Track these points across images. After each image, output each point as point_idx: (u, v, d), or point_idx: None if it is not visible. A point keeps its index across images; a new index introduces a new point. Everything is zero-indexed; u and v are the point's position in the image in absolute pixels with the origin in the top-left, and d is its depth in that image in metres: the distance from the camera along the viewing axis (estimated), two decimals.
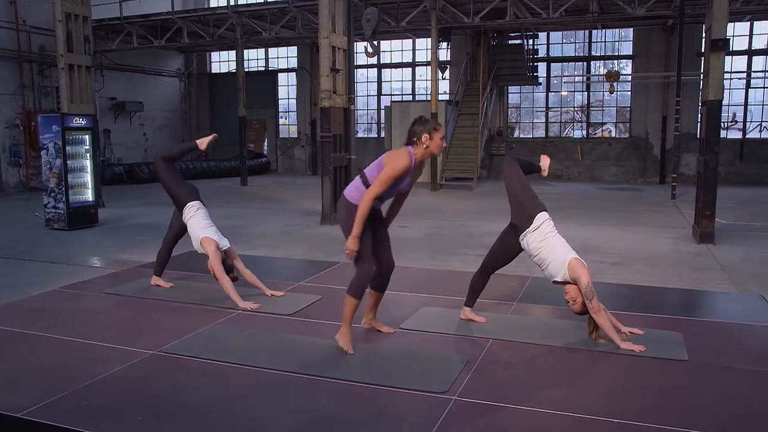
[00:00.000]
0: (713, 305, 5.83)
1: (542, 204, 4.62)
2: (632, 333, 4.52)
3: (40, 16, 16.55)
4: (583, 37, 19.43)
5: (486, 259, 4.85)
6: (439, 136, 4.27)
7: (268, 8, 17.53)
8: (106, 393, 3.69)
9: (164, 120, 22.78)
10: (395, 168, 4.10)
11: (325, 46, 10.42)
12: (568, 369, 4.03)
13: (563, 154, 19.38)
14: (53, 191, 10.44)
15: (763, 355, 4.28)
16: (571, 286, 4.39)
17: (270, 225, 10.77)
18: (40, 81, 17.79)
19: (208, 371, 4.01)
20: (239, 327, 4.87)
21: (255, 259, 7.51)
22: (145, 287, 6.05)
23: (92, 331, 4.76)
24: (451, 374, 3.84)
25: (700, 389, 3.70)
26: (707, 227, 8.95)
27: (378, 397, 3.60)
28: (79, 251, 8.63)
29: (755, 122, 17.90)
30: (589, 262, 7.59)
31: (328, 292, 5.92)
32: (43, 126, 10.41)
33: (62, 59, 12.34)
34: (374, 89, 21.80)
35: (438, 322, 4.91)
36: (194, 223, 5.60)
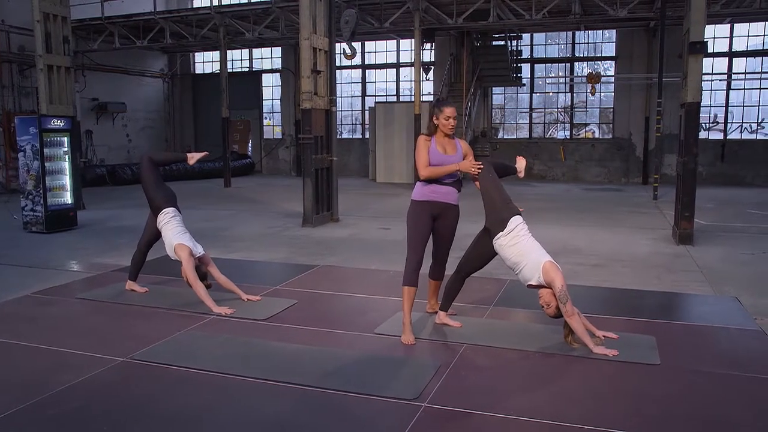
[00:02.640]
0: (688, 308, 5.86)
1: (516, 208, 4.62)
2: (606, 337, 4.52)
3: (19, 16, 16.33)
4: (567, 39, 19.52)
5: (461, 263, 4.84)
6: (444, 115, 4.63)
7: (251, 9, 17.43)
8: (72, 402, 3.62)
9: (147, 121, 22.59)
10: (417, 152, 4.70)
11: (306, 48, 10.37)
12: (540, 374, 4.02)
13: (547, 155, 19.45)
14: (31, 194, 10.30)
15: (735, 358, 4.29)
16: (546, 290, 4.38)
17: (251, 227, 10.71)
18: (21, 81, 17.58)
19: (178, 379, 3.96)
20: (212, 333, 4.82)
21: (234, 263, 7.48)
22: (119, 292, 5.98)
23: (62, 337, 4.70)
24: (422, 380, 3.81)
25: (670, 394, 3.70)
26: (686, 229, 8.99)
27: (347, 404, 3.56)
28: (56, 255, 8.52)
29: (736, 123, 18.07)
30: (570, 263, 7.71)
31: (304, 296, 5.89)
32: (21, 128, 10.27)
33: (41, 60, 12.19)
34: (358, 90, 21.75)
35: (414, 326, 4.86)
36: (168, 229, 5.56)
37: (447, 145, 4.72)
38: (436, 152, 4.68)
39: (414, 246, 4.71)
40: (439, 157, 4.67)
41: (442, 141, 4.71)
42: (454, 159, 4.69)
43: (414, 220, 4.73)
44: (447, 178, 4.70)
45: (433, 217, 4.72)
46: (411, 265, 4.69)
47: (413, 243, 4.71)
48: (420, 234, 4.69)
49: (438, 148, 4.69)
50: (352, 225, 10.90)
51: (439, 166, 4.64)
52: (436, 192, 4.69)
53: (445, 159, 4.67)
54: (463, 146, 4.82)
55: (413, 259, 4.69)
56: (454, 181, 4.77)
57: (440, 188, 4.70)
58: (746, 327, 4.92)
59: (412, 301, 4.69)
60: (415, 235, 4.71)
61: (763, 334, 4.74)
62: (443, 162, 4.65)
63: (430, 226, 4.74)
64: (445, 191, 4.71)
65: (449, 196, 4.74)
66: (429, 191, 4.68)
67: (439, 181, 4.68)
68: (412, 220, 4.75)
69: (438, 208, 4.71)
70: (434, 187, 4.68)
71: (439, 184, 4.69)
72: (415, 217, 4.72)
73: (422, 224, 4.69)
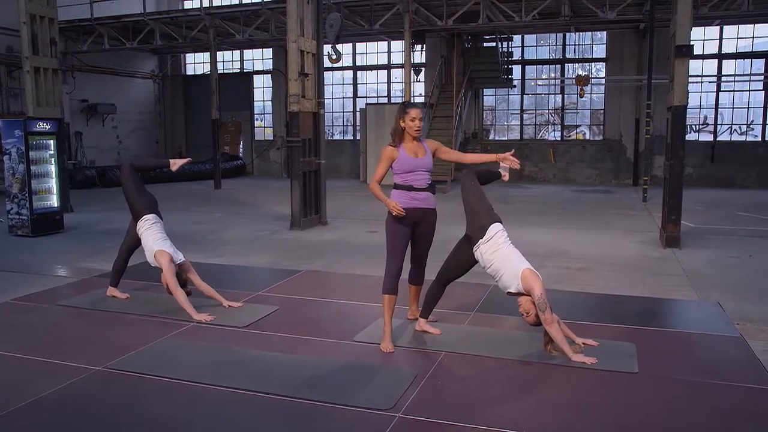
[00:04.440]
0: (671, 314, 5.85)
1: (496, 215, 4.60)
2: (586, 344, 4.51)
3: (6, 17, 16.22)
4: (557, 40, 19.53)
5: (441, 270, 4.82)
6: (410, 117, 4.58)
7: (241, 10, 17.39)
8: (43, 413, 3.59)
9: (138, 122, 22.51)
10: (381, 157, 4.67)
11: (294, 51, 10.33)
12: (518, 383, 4.00)
13: (538, 157, 19.46)
14: (16, 197, 10.23)
15: (713, 366, 4.28)
16: (525, 297, 4.36)
17: (239, 230, 10.66)
18: (9, 83, 17.51)
19: (152, 389, 3.92)
20: (191, 340, 4.79)
21: (218, 268, 7.44)
22: (100, 299, 5.93)
23: (39, 345, 4.66)
24: (398, 390, 3.79)
25: (646, 404, 3.68)
26: (673, 232, 9.00)
27: (321, 415, 3.53)
28: (40, 259, 8.46)
29: (726, 125, 18.11)
30: (556, 267, 7.70)
31: (286, 302, 5.86)
32: (6, 131, 10.19)
33: (27, 62, 12.11)
34: (350, 91, 21.71)
35: (393, 334, 4.83)
36: (148, 236, 5.53)
37: (417, 148, 4.65)
38: (408, 158, 4.61)
39: (394, 254, 4.67)
40: (412, 163, 4.60)
41: (410, 146, 4.64)
42: (424, 163, 4.63)
43: (394, 228, 4.67)
44: (422, 183, 4.64)
45: (413, 224, 4.68)
46: (391, 273, 4.66)
47: (393, 251, 4.68)
48: (400, 242, 4.66)
49: (408, 153, 4.62)
50: (340, 228, 10.87)
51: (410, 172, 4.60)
52: (415, 199, 4.63)
53: (418, 164, 4.61)
54: (430, 145, 4.76)
55: (393, 267, 4.66)
56: (431, 185, 4.72)
57: (419, 195, 4.65)
58: (726, 333, 4.91)
59: (392, 310, 4.68)
60: (395, 243, 4.66)
61: (742, 341, 4.73)
62: (416, 167, 4.60)
63: (409, 234, 4.70)
64: (424, 197, 4.66)
65: (428, 201, 4.69)
66: (409, 198, 4.62)
67: (416, 188, 4.63)
68: (391, 227, 4.68)
69: (418, 215, 4.66)
70: (413, 194, 4.63)
71: (416, 191, 4.63)
72: (395, 225, 4.66)
73: (402, 232, 4.65)
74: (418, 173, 4.63)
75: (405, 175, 4.62)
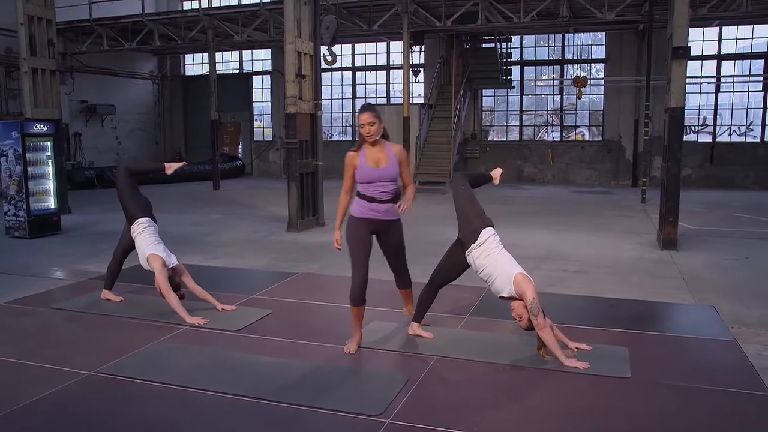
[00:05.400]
0: (665, 317, 5.83)
1: (488, 219, 4.59)
2: (579, 349, 4.51)
3: (5, 18, 16.15)
4: (556, 41, 19.51)
5: (434, 274, 4.81)
6: (359, 122, 4.42)
7: (239, 11, 17.39)
8: (35, 418, 3.58)
9: (137, 123, 22.50)
10: (345, 164, 4.51)
11: (291, 52, 10.32)
12: (509, 389, 3.99)
13: (537, 158, 19.44)
14: (13, 198, 10.24)
15: (706, 371, 4.27)
16: (518, 302, 4.35)
17: (236, 232, 10.65)
18: (7, 84, 17.50)
19: (143, 394, 3.92)
20: (183, 344, 4.79)
21: (213, 270, 7.45)
22: (95, 301, 5.94)
23: (31, 349, 4.65)
24: (388, 395, 3.78)
25: (637, 409, 3.67)
26: (670, 234, 8.98)
27: (309, 420, 3.53)
28: (37, 261, 8.46)
29: (725, 126, 18.09)
30: (553, 270, 7.69)
31: (280, 305, 5.85)
32: (3, 132, 10.18)
33: (25, 63, 12.13)
34: (349, 92, 21.70)
35: (385, 337, 4.86)
36: (142, 239, 5.53)
37: (379, 155, 4.43)
38: (367, 168, 4.42)
39: (356, 262, 4.52)
40: (372, 173, 4.42)
41: (371, 153, 4.44)
42: (386, 173, 4.42)
43: (354, 236, 4.52)
44: (384, 195, 4.46)
45: (374, 233, 4.54)
46: (356, 283, 4.49)
47: (355, 260, 4.52)
48: (360, 249, 4.50)
49: (368, 162, 4.42)
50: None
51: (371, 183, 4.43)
52: (375, 211, 4.47)
53: (380, 174, 4.41)
54: (396, 154, 4.51)
55: (358, 276, 4.49)
56: (394, 196, 4.51)
57: (379, 206, 4.47)
58: (720, 338, 4.90)
59: (360, 319, 4.59)
60: (355, 251, 4.51)
61: (736, 345, 4.72)
62: (378, 178, 4.41)
63: (370, 241, 4.55)
64: (385, 209, 4.48)
65: (390, 213, 4.50)
66: (369, 209, 4.47)
67: (376, 199, 4.45)
68: (352, 235, 4.52)
69: (377, 226, 4.52)
70: (374, 205, 4.46)
71: (377, 202, 4.46)
72: (355, 233, 4.51)
73: (362, 240, 4.50)
74: (380, 184, 4.43)
75: (366, 186, 4.45)
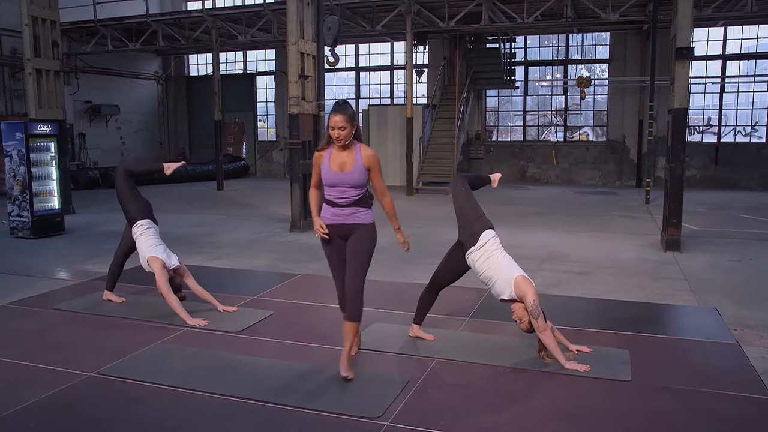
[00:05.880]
0: (667, 320, 5.80)
1: (488, 222, 4.58)
2: (580, 351, 4.49)
3: (10, 18, 16.21)
4: (560, 41, 19.47)
5: (434, 277, 4.80)
6: (330, 125, 4.05)
7: (243, 11, 17.41)
8: (33, 420, 3.58)
9: (141, 123, 22.54)
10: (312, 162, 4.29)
11: (293, 53, 10.32)
12: (509, 391, 3.98)
13: (541, 158, 19.40)
14: (17, 199, 10.27)
15: (706, 374, 4.24)
16: (518, 304, 4.34)
17: (239, 233, 10.66)
18: (12, 84, 17.54)
19: (142, 396, 3.91)
20: (184, 346, 4.79)
21: (215, 271, 7.45)
22: (96, 302, 5.95)
23: (31, 351, 4.66)
24: (387, 397, 3.77)
25: (636, 413, 3.65)
26: (674, 235, 8.94)
27: (308, 422, 3.52)
28: (39, 262, 8.48)
29: (730, 126, 18.01)
30: (555, 271, 7.67)
31: (281, 306, 5.85)
32: (6, 133, 10.22)
33: (29, 64, 12.16)
34: (352, 92, 21.70)
35: (386, 340, 4.85)
36: (142, 241, 5.55)
37: (345, 159, 4.08)
38: (329, 171, 4.10)
39: (332, 272, 4.37)
40: (333, 177, 4.09)
41: (338, 155, 4.10)
42: (349, 178, 4.08)
43: (324, 249, 4.32)
44: (344, 200, 4.13)
45: (344, 238, 4.23)
46: (338, 292, 4.37)
47: (330, 269, 4.37)
48: (333, 263, 4.31)
49: (332, 165, 4.10)
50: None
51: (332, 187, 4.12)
52: (337, 215, 4.16)
53: (340, 179, 4.08)
54: (364, 159, 4.10)
55: (338, 285, 4.36)
56: (358, 200, 4.15)
57: (342, 210, 4.16)
58: (722, 340, 4.88)
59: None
60: (329, 261, 4.35)
61: (738, 348, 4.70)
62: (338, 183, 4.09)
63: (338, 250, 4.25)
64: (348, 212, 4.15)
65: (355, 216, 4.16)
66: (332, 214, 4.18)
67: (336, 204, 4.15)
68: (323, 244, 4.30)
69: (343, 231, 4.19)
70: (336, 209, 4.16)
71: (338, 207, 4.15)
72: (324, 245, 4.30)
73: (330, 252, 4.29)
74: (340, 188, 4.11)
75: (328, 189, 4.16)
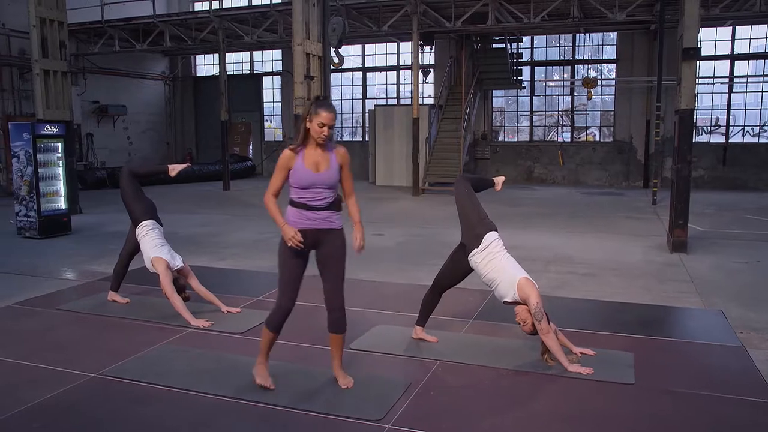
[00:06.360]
0: (672, 322, 5.77)
1: (491, 224, 4.56)
2: (583, 354, 4.47)
3: (18, 20, 16.34)
4: (567, 41, 19.41)
5: (436, 278, 4.79)
6: (319, 120, 3.69)
7: (249, 12, 17.47)
8: (35, 421, 3.60)
9: (148, 123, 22.63)
10: (275, 170, 3.85)
11: (299, 53, 10.33)
12: (512, 394, 3.96)
13: (547, 158, 19.35)
14: (24, 199, 10.33)
15: (711, 377, 4.21)
16: (521, 306, 4.33)
17: (244, 233, 10.67)
18: (21, 85, 17.64)
19: (146, 396, 3.92)
20: (188, 347, 4.80)
21: (219, 272, 7.46)
22: (101, 303, 5.97)
23: (35, 351, 4.68)
24: (389, 400, 3.77)
25: (639, 416, 3.63)
26: (680, 237, 8.90)
27: (308, 425, 3.52)
28: (46, 262, 8.52)
29: (738, 126, 17.91)
30: (560, 273, 7.64)
31: None
32: (14, 134, 10.28)
33: (37, 65, 12.23)
34: (359, 93, 21.71)
35: (389, 342, 4.84)
36: (146, 242, 5.56)
37: (320, 158, 3.79)
38: (305, 171, 3.76)
39: (285, 286, 3.92)
40: (309, 178, 3.77)
41: (312, 154, 3.77)
42: (325, 178, 3.80)
43: (288, 254, 3.86)
44: (319, 202, 3.83)
45: (313, 246, 3.90)
46: (282, 308, 3.93)
47: (281, 282, 3.94)
48: (290, 270, 3.88)
49: (307, 165, 3.76)
50: (345, 231, 10.82)
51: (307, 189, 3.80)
52: (313, 219, 3.84)
53: (316, 179, 3.78)
54: (338, 158, 3.88)
55: (281, 303, 3.92)
56: (331, 203, 3.90)
57: (317, 214, 3.84)
58: (727, 343, 4.84)
59: (269, 346, 4.01)
60: (286, 273, 3.90)
61: (743, 351, 4.66)
62: (314, 183, 3.78)
63: (305, 262, 3.95)
64: (323, 216, 3.87)
65: (329, 221, 3.90)
66: (305, 218, 3.82)
67: (311, 207, 3.82)
68: (286, 253, 3.87)
69: (317, 237, 3.87)
70: (311, 213, 3.82)
71: (313, 210, 3.83)
72: (289, 250, 3.84)
73: (295, 261, 3.90)
74: (315, 190, 3.80)
75: (301, 191, 3.80)
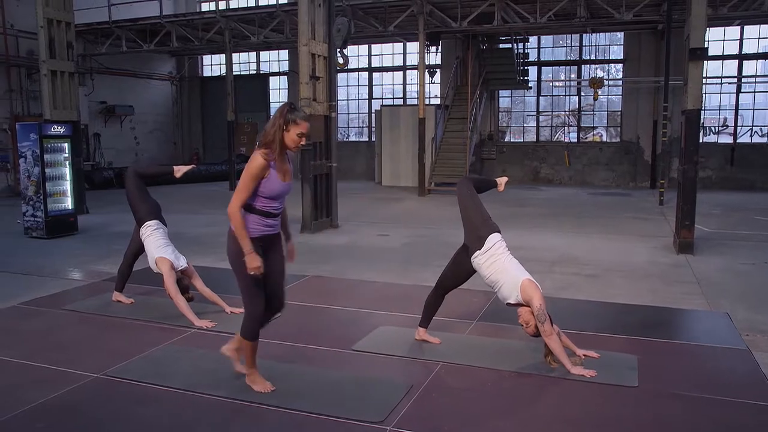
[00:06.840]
0: (677, 324, 5.73)
1: (494, 225, 4.55)
2: (587, 356, 4.45)
3: (26, 21, 16.41)
4: (574, 41, 19.35)
5: (439, 280, 4.78)
6: (299, 130, 3.68)
7: (256, 12, 17.50)
8: (39, 421, 3.61)
9: (155, 123, 22.71)
10: (248, 169, 3.68)
11: (305, 54, 10.34)
12: (514, 397, 3.95)
13: (554, 159, 19.30)
14: (32, 199, 10.39)
15: (714, 380, 4.19)
16: (525, 308, 4.31)
17: None
18: (29, 85, 17.73)
19: (148, 397, 3.93)
20: (191, 347, 4.81)
21: (223, 273, 7.39)
22: (105, 303, 5.99)
23: (39, 351, 4.70)
24: (390, 402, 3.76)
25: (643, 419, 3.61)
26: (686, 238, 8.84)
27: (309, 426, 3.52)
28: (52, 262, 8.56)
29: (746, 127, 17.79)
30: (565, 274, 7.62)
31: (288, 308, 5.77)
32: (21, 134, 10.34)
33: (44, 65, 12.29)
34: (365, 93, 21.71)
35: (392, 343, 4.84)
36: (150, 242, 5.58)
37: (285, 167, 3.81)
38: (277, 182, 3.74)
39: (251, 294, 3.85)
40: (278, 188, 3.75)
41: (280, 163, 3.76)
42: (289, 187, 3.84)
43: (242, 263, 3.72)
44: (280, 209, 3.86)
45: (265, 251, 3.83)
46: (249, 317, 3.90)
47: (247, 291, 3.84)
48: (252, 277, 3.75)
49: (279, 174, 3.75)
50: (350, 231, 10.85)
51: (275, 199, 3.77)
52: (270, 226, 3.84)
53: (284, 189, 3.80)
54: (293, 164, 3.98)
55: (251, 311, 3.89)
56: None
57: (275, 222, 3.87)
58: (732, 346, 4.81)
59: (252, 354, 4.02)
60: (246, 280, 3.78)
61: (748, 354, 4.63)
62: (282, 194, 3.80)
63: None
64: (278, 222, 3.91)
65: (278, 226, 3.94)
66: (264, 225, 3.79)
67: (273, 215, 3.82)
68: (238, 261, 3.74)
69: (268, 243, 3.87)
70: (269, 221, 3.81)
71: (274, 218, 3.83)
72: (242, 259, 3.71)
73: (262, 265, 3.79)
74: (282, 199, 3.85)
75: (268, 201, 3.76)
